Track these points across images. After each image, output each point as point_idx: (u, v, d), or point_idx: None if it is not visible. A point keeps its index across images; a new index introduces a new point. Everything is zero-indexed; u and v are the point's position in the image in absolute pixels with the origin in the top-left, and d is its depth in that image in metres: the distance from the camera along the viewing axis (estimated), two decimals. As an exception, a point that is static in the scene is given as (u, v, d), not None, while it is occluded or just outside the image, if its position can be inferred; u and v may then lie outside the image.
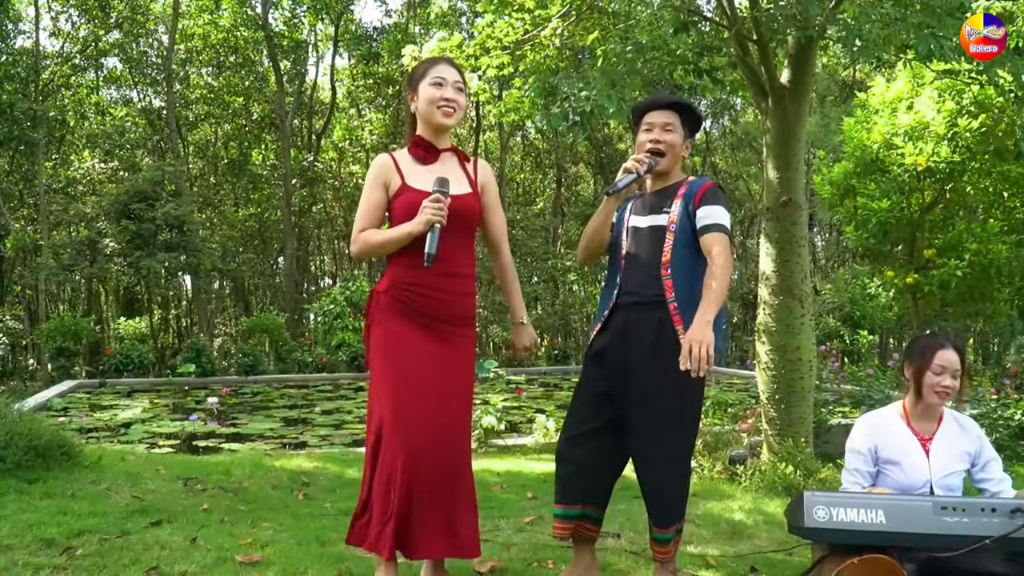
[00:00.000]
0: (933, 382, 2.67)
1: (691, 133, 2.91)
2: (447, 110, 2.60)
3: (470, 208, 2.65)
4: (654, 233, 2.78)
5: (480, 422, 6.47)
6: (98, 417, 8.76)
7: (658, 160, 2.80)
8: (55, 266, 14.69)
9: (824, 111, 17.24)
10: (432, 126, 2.65)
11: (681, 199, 2.77)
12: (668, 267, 2.70)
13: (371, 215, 2.62)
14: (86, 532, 3.23)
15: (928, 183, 8.17)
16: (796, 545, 3.24)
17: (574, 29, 5.98)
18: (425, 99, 2.61)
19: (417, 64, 2.76)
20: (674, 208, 2.76)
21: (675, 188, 2.83)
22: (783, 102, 5.11)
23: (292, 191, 18.95)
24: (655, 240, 2.76)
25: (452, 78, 2.61)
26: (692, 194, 2.76)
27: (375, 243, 2.60)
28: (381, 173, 2.63)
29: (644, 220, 2.83)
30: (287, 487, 4.57)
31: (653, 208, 2.83)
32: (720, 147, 23.61)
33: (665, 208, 2.78)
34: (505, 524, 3.84)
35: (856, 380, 7.82)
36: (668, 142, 2.81)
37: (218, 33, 19.73)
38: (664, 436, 2.69)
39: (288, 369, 14.48)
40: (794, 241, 5.12)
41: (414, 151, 2.67)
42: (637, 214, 2.86)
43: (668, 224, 2.75)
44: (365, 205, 2.64)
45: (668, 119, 2.83)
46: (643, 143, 2.84)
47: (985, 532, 2.25)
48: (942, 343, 2.72)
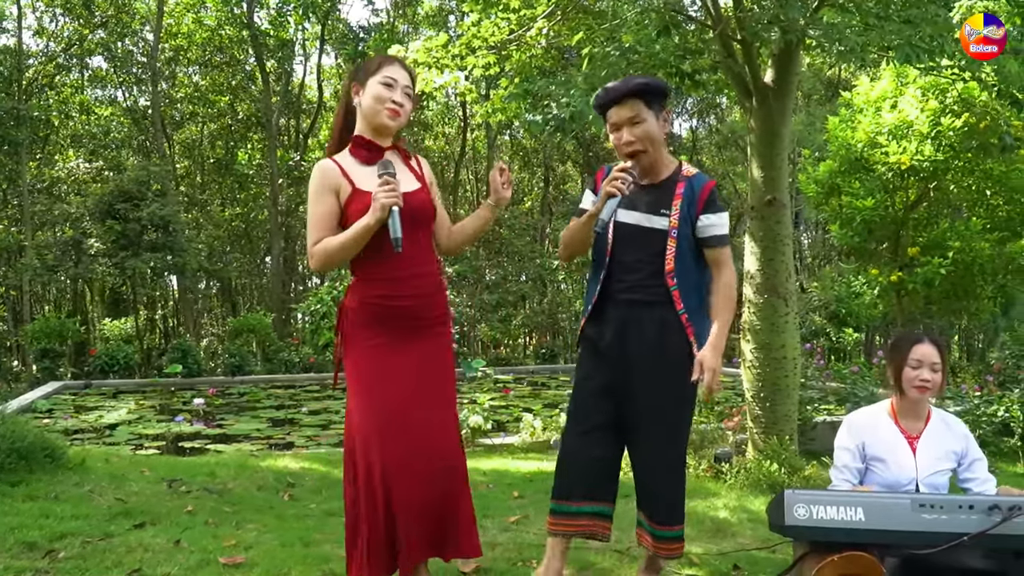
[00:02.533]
0: (911, 376, 2.69)
1: (663, 102, 2.71)
2: (393, 112, 2.51)
3: (424, 204, 2.57)
4: (652, 235, 2.67)
5: (467, 421, 6.47)
6: (83, 419, 8.71)
7: (640, 160, 2.66)
8: (39, 266, 14.59)
9: (809, 110, 17.31)
10: (374, 126, 2.55)
11: (682, 200, 2.66)
12: (673, 276, 2.64)
13: (324, 225, 2.48)
14: (69, 535, 3.22)
15: (912, 181, 8.23)
16: (779, 543, 3.26)
17: (560, 29, 5.98)
18: (372, 96, 2.51)
19: (370, 59, 2.64)
20: (675, 211, 2.65)
21: (671, 185, 2.70)
22: (767, 101, 5.13)
23: (279, 191, 18.87)
24: (654, 243, 2.66)
25: (403, 81, 2.54)
26: (694, 198, 2.67)
27: (334, 248, 2.46)
28: (327, 180, 2.50)
29: (638, 218, 2.69)
30: (273, 488, 4.56)
31: (648, 207, 2.69)
32: (706, 146, 23.68)
33: (664, 210, 2.66)
34: (490, 524, 3.84)
35: (841, 378, 7.86)
36: (641, 136, 2.64)
37: (203, 32, 19.62)
38: (671, 432, 2.69)
39: (275, 369, 14.42)
40: (778, 240, 5.15)
41: (356, 152, 2.55)
42: (627, 208, 2.68)
43: (670, 229, 2.65)
44: (317, 215, 2.48)
45: (632, 111, 2.64)
46: (616, 146, 2.69)
47: (963, 529, 2.27)
48: (918, 338, 2.75)
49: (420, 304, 2.54)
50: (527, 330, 18.60)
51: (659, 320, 2.65)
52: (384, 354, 2.50)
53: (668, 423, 2.69)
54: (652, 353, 2.65)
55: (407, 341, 2.52)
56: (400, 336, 2.51)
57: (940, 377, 2.71)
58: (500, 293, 17.37)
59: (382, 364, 2.50)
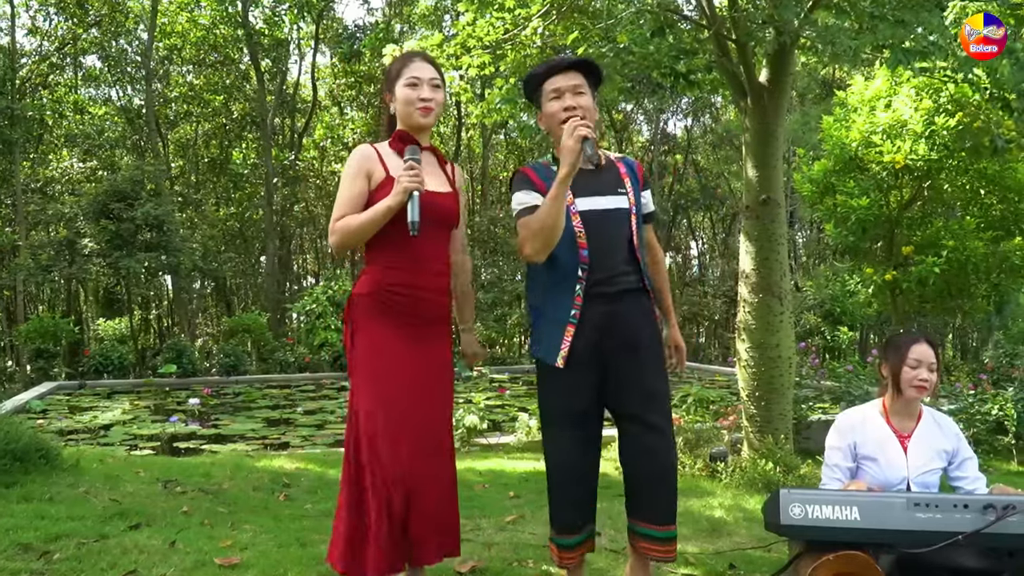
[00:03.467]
0: (910, 376, 2.70)
1: (597, 88, 2.71)
2: (425, 109, 2.56)
3: (450, 207, 2.62)
4: (619, 216, 2.61)
5: (463, 421, 6.47)
6: (78, 419, 8.69)
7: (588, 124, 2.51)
8: (33, 266, 14.53)
9: (804, 109, 17.35)
10: (411, 127, 2.60)
11: (628, 179, 2.68)
12: (639, 251, 2.64)
13: (352, 205, 2.50)
14: (63, 536, 3.21)
15: (906, 181, 8.25)
16: (774, 541, 3.27)
17: (555, 29, 5.98)
18: (402, 100, 2.56)
19: (392, 62, 2.68)
20: (628, 189, 2.66)
21: (612, 166, 2.70)
22: (762, 101, 5.14)
23: (274, 190, 18.84)
24: (620, 223, 2.61)
25: (427, 75, 2.56)
26: (635, 174, 2.71)
27: (354, 227, 2.47)
28: (364, 163, 2.55)
29: (600, 202, 2.60)
30: (268, 488, 4.55)
31: (602, 188, 2.62)
32: (701, 145, 23.71)
33: (620, 189, 2.64)
34: (486, 523, 3.85)
35: (836, 376, 7.88)
36: (583, 106, 2.57)
37: (198, 31, 19.57)
38: (667, 419, 2.63)
39: (270, 369, 14.40)
40: (773, 239, 5.16)
41: (395, 144, 2.60)
42: (583, 195, 2.58)
43: (630, 206, 2.63)
44: (346, 195, 2.52)
45: (575, 80, 2.59)
46: (556, 111, 2.58)
47: (958, 528, 2.28)
48: (916, 338, 2.76)
49: (430, 300, 2.56)
50: (522, 329, 18.58)
51: (641, 306, 2.63)
52: (394, 346, 2.50)
53: (664, 410, 2.64)
54: (643, 343, 2.61)
55: (415, 336, 2.53)
56: (409, 330, 2.52)
57: (936, 377, 2.72)
58: (495, 292, 17.37)
59: (392, 357, 2.50)
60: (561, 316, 2.58)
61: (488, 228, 18.75)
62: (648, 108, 20.49)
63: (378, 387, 2.48)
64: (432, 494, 2.51)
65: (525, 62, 6.38)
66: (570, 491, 2.67)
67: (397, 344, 2.51)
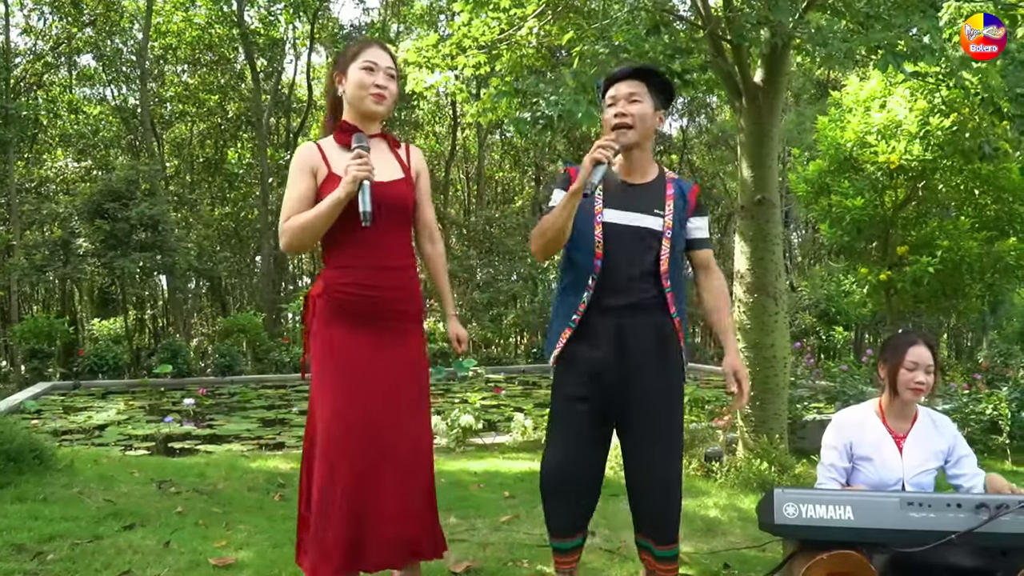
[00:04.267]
0: (907, 378, 2.70)
1: (664, 103, 2.64)
2: (378, 96, 2.46)
3: (401, 195, 2.50)
4: (646, 236, 2.57)
5: (458, 421, 6.46)
6: (72, 419, 8.66)
7: (626, 134, 2.56)
8: (28, 266, 14.49)
9: (799, 109, 17.39)
10: (360, 112, 2.49)
11: (673, 201, 2.61)
12: (668, 278, 2.57)
13: (298, 205, 2.42)
14: (57, 537, 3.20)
15: (901, 181, 8.28)
16: (769, 541, 3.27)
17: (550, 28, 5.99)
18: (355, 83, 2.46)
19: (348, 45, 2.58)
20: (668, 212, 2.59)
21: (659, 186, 2.64)
22: (757, 101, 5.15)
23: (269, 190, 18.81)
24: (646, 243, 2.57)
25: (384, 63, 2.47)
26: (685, 200, 2.64)
27: (302, 224, 2.38)
28: (306, 161, 2.45)
29: (628, 217, 2.57)
30: (263, 488, 4.54)
31: (638, 206, 2.59)
32: (696, 145, 23.74)
33: (657, 210, 2.59)
34: (481, 524, 3.84)
35: (831, 376, 7.90)
36: (635, 114, 2.55)
37: (193, 30, 19.54)
38: (674, 442, 2.59)
39: (265, 369, 14.39)
40: (768, 239, 5.17)
41: (340, 138, 2.50)
42: (614, 208, 2.58)
43: (664, 230, 2.57)
44: (292, 195, 2.43)
45: (633, 88, 2.57)
46: (608, 120, 2.60)
47: (951, 527, 2.29)
48: (914, 340, 2.75)
49: (386, 298, 2.45)
50: (518, 329, 18.60)
51: (655, 325, 2.57)
52: (350, 349, 2.41)
53: (672, 433, 2.60)
54: (652, 361, 2.55)
55: (372, 337, 2.43)
56: (368, 331, 2.43)
57: (933, 379, 2.72)
58: (491, 292, 17.38)
59: (348, 360, 2.41)
60: (565, 318, 2.62)
61: (484, 228, 18.75)
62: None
63: (335, 393, 2.40)
64: (393, 500, 2.40)
65: (520, 62, 6.39)
66: (559, 493, 2.65)
67: (353, 342, 2.42)
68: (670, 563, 2.61)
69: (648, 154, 2.67)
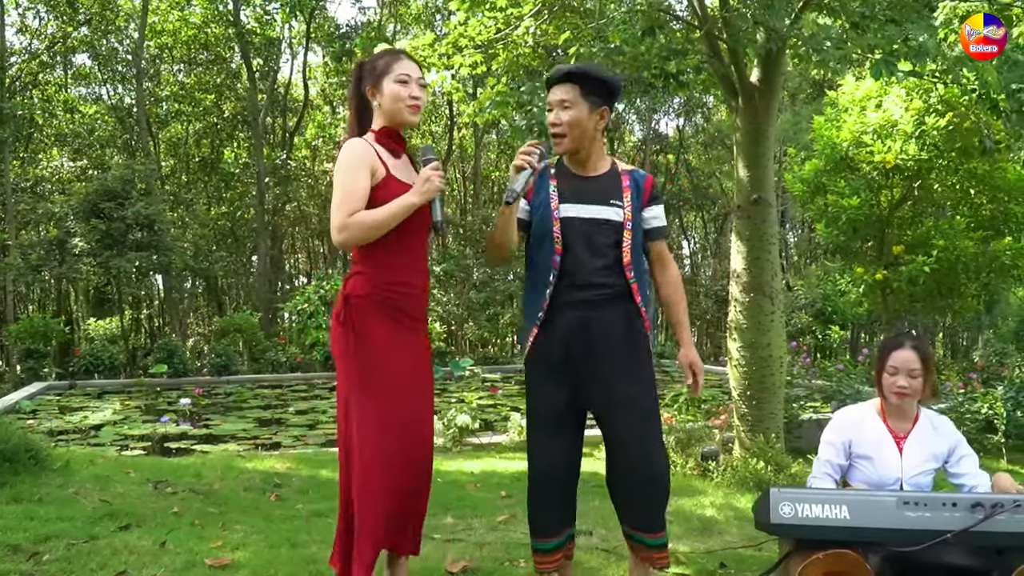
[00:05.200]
0: (888, 383, 2.73)
1: (604, 100, 2.61)
2: (415, 108, 2.52)
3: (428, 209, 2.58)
4: (605, 227, 2.60)
5: (455, 421, 6.46)
6: (68, 419, 8.64)
7: (559, 143, 2.60)
8: (23, 266, 14.45)
9: (795, 109, 17.40)
10: (397, 124, 2.55)
11: (630, 192, 2.64)
12: (631, 269, 2.59)
13: (359, 200, 2.39)
14: (53, 537, 3.20)
15: (897, 180, 8.28)
16: (765, 540, 3.28)
17: (546, 28, 5.98)
18: (391, 96, 2.50)
19: (376, 57, 2.59)
20: (626, 203, 2.62)
21: (614, 177, 2.67)
22: (753, 101, 5.15)
23: (265, 189, 18.78)
24: (607, 235, 2.59)
25: (415, 74, 2.53)
26: (640, 189, 2.67)
27: (372, 222, 2.37)
28: (367, 157, 2.44)
29: (586, 210, 2.60)
30: (259, 489, 4.54)
31: (595, 198, 2.62)
32: (693, 144, 23.75)
33: (615, 201, 2.62)
34: (478, 523, 3.85)
35: (827, 375, 7.91)
36: (567, 121, 2.58)
37: (189, 29, 19.49)
38: (654, 428, 2.60)
39: (262, 369, 14.37)
40: (764, 239, 5.17)
41: (385, 142, 2.53)
42: (570, 202, 2.62)
43: (625, 221, 2.60)
44: (351, 189, 2.38)
45: (564, 94, 2.59)
46: (550, 124, 2.63)
47: (947, 526, 2.29)
48: (899, 344, 2.76)
49: (421, 297, 2.56)
50: (514, 329, 18.58)
51: (623, 314, 2.59)
52: (394, 345, 2.46)
53: (651, 418, 2.60)
54: (621, 349, 2.57)
55: (407, 335, 2.51)
56: (403, 328, 2.49)
57: (920, 383, 2.71)
58: (488, 292, 17.37)
59: (395, 356, 2.46)
60: (532, 317, 2.65)
61: (480, 228, 18.73)
62: (640, 108, 20.51)
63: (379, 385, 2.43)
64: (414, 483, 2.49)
65: (517, 61, 6.39)
66: (542, 492, 2.66)
67: (401, 345, 2.48)
68: (663, 550, 2.62)
69: (596, 151, 2.68)
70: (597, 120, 2.62)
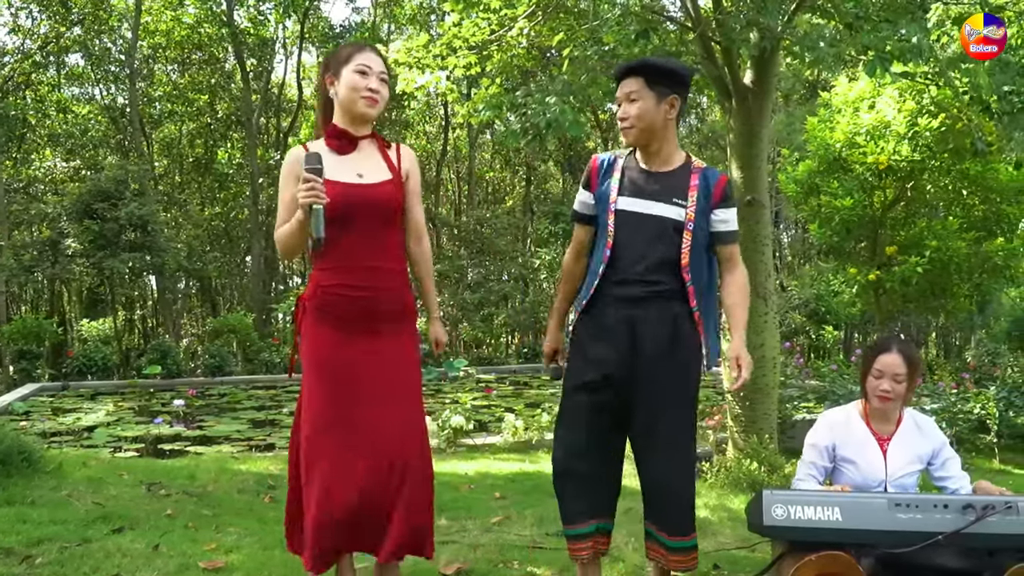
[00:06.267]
0: (872, 386, 2.72)
1: (672, 88, 2.53)
2: (371, 100, 2.46)
3: (389, 197, 2.50)
4: (666, 224, 2.52)
5: (449, 422, 6.46)
6: (61, 421, 8.61)
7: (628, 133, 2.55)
8: (16, 267, 14.40)
9: (789, 110, 17.44)
10: (352, 115, 2.50)
11: (697, 192, 2.54)
12: (688, 271, 2.51)
13: (287, 213, 2.44)
14: (46, 540, 3.18)
15: (889, 181, 8.32)
16: (758, 542, 3.28)
17: (540, 29, 5.99)
18: (348, 85, 2.46)
19: (340, 47, 2.59)
20: (691, 203, 2.52)
21: (684, 174, 2.57)
22: (746, 102, 5.17)
23: (259, 190, 18.75)
24: (665, 233, 2.51)
25: (377, 68, 2.48)
26: (710, 190, 2.55)
27: (279, 236, 2.46)
28: (294, 167, 2.45)
29: (644, 205, 2.54)
30: (253, 491, 4.53)
31: (658, 195, 2.54)
32: (687, 145, 23.76)
33: (678, 200, 2.52)
34: (472, 525, 3.84)
35: (820, 376, 7.93)
36: (634, 114, 2.52)
37: (182, 29, 19.44)
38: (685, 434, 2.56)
39: (256, 370, 14.33)
40: (758, 240, 5.19)
41: (330, 142, 2.51)
42: (629, 195, 2.56)
43: (686, 221, 2.51)
44: (282, 201, 2.47)
45: (631, 87, 2.53)
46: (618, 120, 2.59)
47: (938, 528, 2.30)
48: (886, 347, 2.74)
49: (373, 298, 2.46)
50: (509, 329, 18.60)
51: (671, 316, 2.51)
52: (336, 347, 2.44)
53: (682, 425, 2.56)
54: (665, 352, 2.50)
55: (362, 336, 2.44)
56: (355, 330, 2.44)
57: (903, 388, 2.69)
58: (482, 292, 17.37)
59: (333, 358, 2.44)
60: (578, 303, 2.68)
61: (475, 228, 18.73)
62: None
63: (320, 388, 2.44)
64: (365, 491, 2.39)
65: (511, 63, 6.40)
66: (566, 476, 2.63)
67: (342, 345, 2.44)
68: (688, 553, 2.55)
69: (668, 144, 2.59)
70: (667, 110, 2.53)
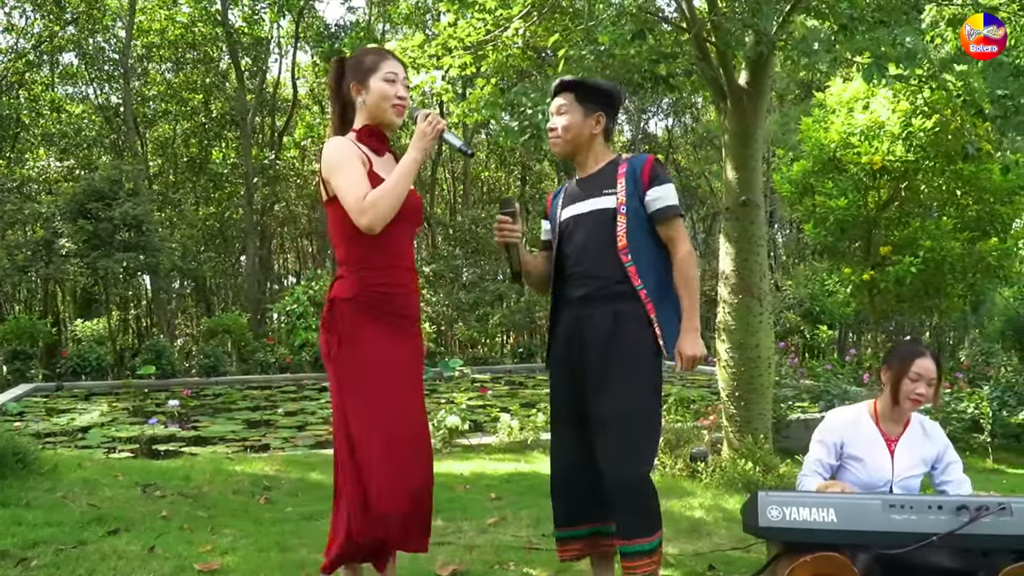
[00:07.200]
0: (909, 389, 2.73)
1: (600, 105, 2.70)
2: (400, 108, 2.52)
3: (418, 204, 2.58)
4: (600, 216, 2.62)
5: (444, 422, 6.46)
6: (55, 422, 8.59)
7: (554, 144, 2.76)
8: (10, 267, 14.35)
9: (784, 110, 17.47)
10: (381, 122, 2.53)
11: (625, 178, 2.63)
12: (627, 252, 2.56)
13: (365, 181, 2.37)
14: (41, 542, 3.17)
15: (884, 181, 8.34)
16: (754, 542, 3.29)
17: (536, 29, 5.99)
18: (378, 94, 2.49)
19: (362, 53, 2.58)
20: (620, 188, 2.62)
21: (611, 168, 2.69)
22: (742, 103, 5.17)
23: (254, 189, 18.71)
24: (602, 223, 2.61)
25: (401, 74, 2.53)
26: (638, 173, 2.63)
27: (388, 190, 2.34)
28: (355, 151, 2.44)
29: (580, 207, 2.68)
30: (248, 492, 4.53)
31: (590, 192, 2.68)
32: (682, 145, 23.81)
33: (607, 189, 2.63)
34: (468, 526, 3.85)
35: (815, 376, 7.95)
36: (562, 125, 2.71)
37: (176, 28, 19.39)
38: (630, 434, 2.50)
39: (250, 370, 14.32)
40: (753, 240, 5.19)
41: (368, 141, 2.51)
42: (572, 203, 2.72)
43: (618, 206, 2.60)
44: (354, 176, 2.37)
45: (562, 101, 2.73)
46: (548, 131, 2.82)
47: (933, 529, 2.31)
48: (921, 352, 2.78)
49: (409, 297, 2.52)
50: (504, 329, 18.59)
51: (612, 311, 2.55)
52: (388, 346, 2.43)
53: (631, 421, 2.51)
54: (608, 347, 2.54)
55: (401, 334, 2.47)
56: (396, 329, 2.46)
57: (932, 392, 2.75)
58: (477, 292, 17.36)
59: (386, 357, 2.42)
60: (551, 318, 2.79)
61: (470, 228, 18.71)
62: (629, 108, 20.55)
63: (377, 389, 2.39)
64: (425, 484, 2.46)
65: (507, 63, 6.40)
66: (558, 486, 2.72)
67: (390, 347, 2.43)
68: (636, 559, 2.50)
69: (595, 154, 2.75)
70: (593, 125, 2.71)
